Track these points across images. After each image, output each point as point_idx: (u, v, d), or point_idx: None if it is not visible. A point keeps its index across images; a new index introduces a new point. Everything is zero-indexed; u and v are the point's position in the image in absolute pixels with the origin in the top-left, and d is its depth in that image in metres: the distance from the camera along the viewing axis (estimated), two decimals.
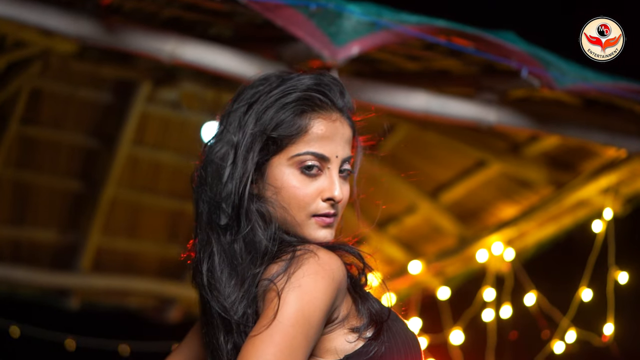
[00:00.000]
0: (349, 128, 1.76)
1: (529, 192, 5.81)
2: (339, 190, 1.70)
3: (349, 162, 1.76)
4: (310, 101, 1.71)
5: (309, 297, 1.54)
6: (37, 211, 6.67)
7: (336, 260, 1.63)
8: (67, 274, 6.89)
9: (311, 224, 1.71)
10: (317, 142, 1.70)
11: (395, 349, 1.66)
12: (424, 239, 6.82)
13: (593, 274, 5.21)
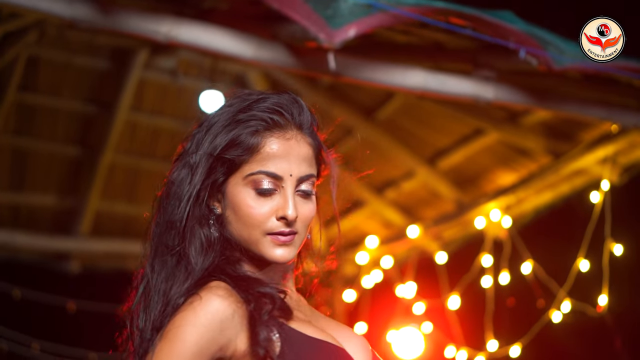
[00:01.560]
0: (308, 146, 1.74)
1: (527, 160, 5.82)
2: (292, 209, 1.68)
3: (309, 180, 1.73)
4: (263, 121, 1.71)
5: (169, 348, 1.57)
6: (36, 177, 6.70)
7: (218, 303, 1.61)
8: (67, 238, 6.95)
9: (266, 242, 1.70)
10: (269, 161, 1.70)
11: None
12: (422, 204, 6.85)
13: (589, 245, 5.23)
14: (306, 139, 1.74)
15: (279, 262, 1.71)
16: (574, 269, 5.30)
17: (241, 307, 1.62)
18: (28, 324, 7.19)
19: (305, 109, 1.77)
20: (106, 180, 6.74)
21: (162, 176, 6.13)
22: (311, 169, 1.74)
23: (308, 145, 1.74)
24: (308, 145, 1.74)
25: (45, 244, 6.88)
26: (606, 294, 5.01)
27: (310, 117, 1.77)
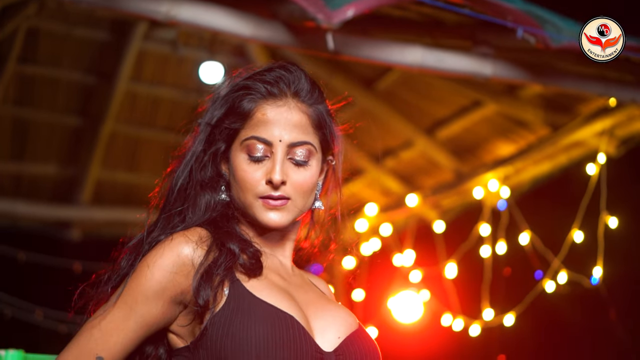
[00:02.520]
0: (302, 114, 1.78)
1: (525, 131, 5.84)
2: (278, 174, 1.73)
3: (302, 147, 1.77)
4: (257, 90, 1.78)
5: (135, 284, 1.67)
6: (37, 146, 6.74)
7: (184, 246, 1.69)
8: (68, 207, 7.01)
9: (259, 205, 1.76)
10: (260, 127, 1.76)
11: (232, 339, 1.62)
12: (421, 173, 6.89)
13: (585, 217, 5.27)
14: (302, 107, 1.79)
15: (270, 225, 1.76)
16: (568, 240, 5.36)
17: (208, 254, 1.68)
18: (31, 291, 7.27)
19: (304, 78, 1.81)
20: (107, 150, 6.78)
21: (162, 145, 6.21)
22: (305, 137, 1.77)
23: (302, 113, 1.78)
24: (302, 113, 1.78)
25: (47, 212, 6.95)
26: (601, 266, 5.06)
27: (310, 86, 1.81)
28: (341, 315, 1.80)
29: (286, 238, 1.85)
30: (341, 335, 1.75)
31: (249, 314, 1.63)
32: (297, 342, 1.65)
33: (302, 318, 1.70)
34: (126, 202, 7.33)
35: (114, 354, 1.67)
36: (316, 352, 1.67)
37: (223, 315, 1.64)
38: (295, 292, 1.78)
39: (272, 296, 1.68)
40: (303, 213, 1.81)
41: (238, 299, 1.65)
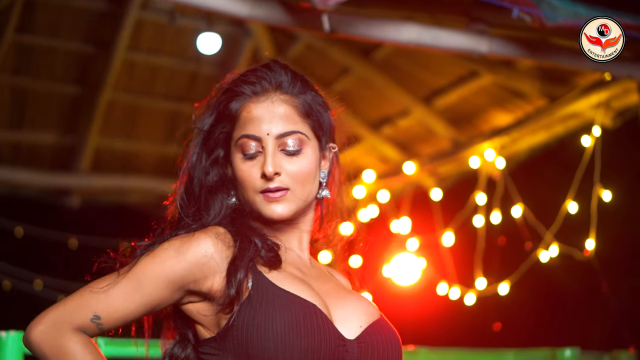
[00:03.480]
0: (286, 105, 1.82)
1: (522, 102, 5.87)
2: (269, 165, 1.76)
3: (291, 137, 1.80)
4: (239, 90, 1.83)
5: (150, 263, 1.71)
6: (36, 115, 6.77)
7: (205, 241, 1.73)
8: (67, 174, 7.05)
9: (260, 200, 1.80)
10: (248, 125, 1.80)
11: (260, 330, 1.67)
12: (418, 140, 6.93)
13: (579, 189, 5.32)
14: (286, 98, 1.82)
15: (274, 218, 1.80)
16: (562, 212, 5.41)
17: (228, 250, 1.73)
18: (31, 261, 7.34)
19: (285, 72, 1.84)
20: (105, 118, 6.81)
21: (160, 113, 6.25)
22: (293, 126, 1.80)
23: (287, 104, 1.81)
24: (287, 104, 1.81)
25: (46, 180, 6.99)
26: (593, 238, 5.12)
27: (291, 78, 1.84)
28: (362, 305, 1.83)
29: (300, 231, 1.88)
30: (363, 324, 1.78)
31: (273, 304, 1.67)
32: (321, 329, 1.68)
33: (323, 307, 1.73)
34: (125, 169, 7.39)
35: (111, 319, 1.71)
36: (339, 339, 1.71)
37: (248, 306, 1.68)
38: (314, 283, 1.82)
39: (293, 286, 1.72)
40: (308, 202, 1.84)
41: (261, 290, 1.70)
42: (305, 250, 1.90)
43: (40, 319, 1.69)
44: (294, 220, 1.85)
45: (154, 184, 7.37)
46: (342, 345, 1.71)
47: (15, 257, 7.15)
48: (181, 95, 6.98)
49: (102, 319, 1.70)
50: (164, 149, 7.35)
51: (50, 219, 7.33)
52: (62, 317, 1.70)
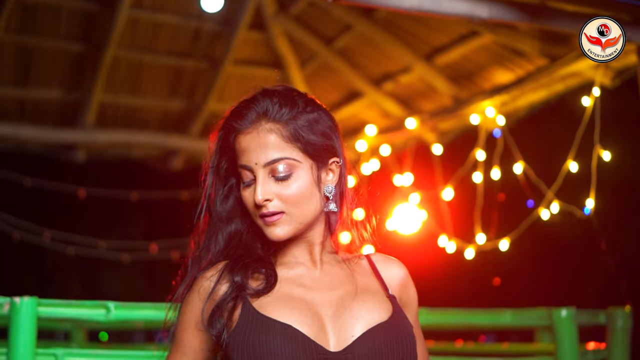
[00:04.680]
0: (272, 133, 1.92)
1: (522, 60, 5.90)
2: (258, 194, 1.90)
3: (279, 163, 1.91)
4: (231, 126, 1.97)
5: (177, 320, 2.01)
6: (41, 72, 6.81)
7: (200, 281, 1.97)
8: (72, 130, 7.12)
9: (262, 224, 1.95)
10: (242, 156, 1.94)
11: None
12: (420, 97, 6.98)
13: (579, 148, 5.37)
14: (273, 126, 1.92)
15: (274, 239, 1.94)
16: (563, 171, 5.48)
17: (213, 290, 1.94)
18: (38, 214, 7.44)
19: (270, 100, 1.94)
20: (109, 74, 6.86)
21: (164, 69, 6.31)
22: (280, 153, 1.91)
23: (273, 133, 1.91)
24: (273, 133, 1.91)
25: (51, 136, 7.06)
26: (593, 197, 5.19)
27: (278, 105, 1.94)
28: (362, 311, 1.92)
29: (310, 244, 2.00)
30: (356, 333, 1.88)
31: (253, 331, 1.84)
32: (295, 348, 1.82)
33: (308, 323, 1.86)
34: (129, 124, 7.47)
35: None
36: (319, 354, 1.83)
37: (234, 335, 1.86)
38: (317, 295, 1.94)
39: (275, 310, 1.87)
40: (308, 220, 1.95)
41: (245, 319, 1.87)
42: (318, 261, 2.00)
43: None
44: (301, 236, 1.98)
45: (157, 138, 7.46)
46: (323, 359, 1.83)
47: (23, 210, 7.27)
48: (184, 51, 7.02)
49: None
50: (168, 104, 7.42)
51: (56, 173, 7.43)
52: None
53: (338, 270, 2.02)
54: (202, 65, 7.10)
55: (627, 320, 4.63)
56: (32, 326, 3.31)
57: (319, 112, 1.98)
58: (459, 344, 5.97)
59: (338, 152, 2.00)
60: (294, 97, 1.97)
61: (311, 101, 2.00)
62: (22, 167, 7.40)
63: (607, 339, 4.65)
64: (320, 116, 1.98)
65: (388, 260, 2.11)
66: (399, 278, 2.08)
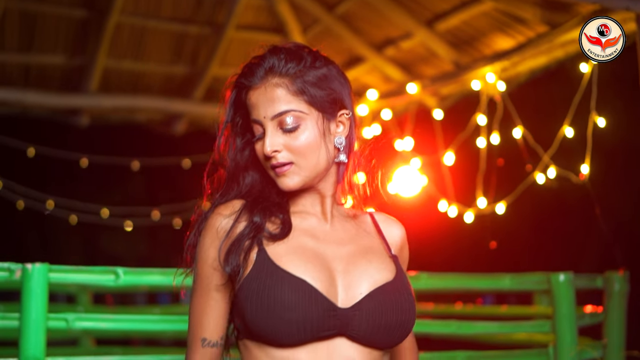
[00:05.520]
0: (279, 87, 2.00)
1: (523, 27, 5.94)
2: (266, 146, 1.98)
3: (286, 115, 1.99)
4: (242, 83, 2.05)
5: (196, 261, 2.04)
6: (45, 38, 6.84)
7: (213, 219, 2.02)
8: (76, 95, 7.17)
9: (274, 175, 2.03)
10: (253, 111, 2.02)
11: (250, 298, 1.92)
12: (421, 62, 7.02)
13: (576, 114, 5.43)
14: (279, 81, 2.00)
15: (285, 189, 2.02)
16: (559, 136, 5.54)
17: (232, 228, 2.00)
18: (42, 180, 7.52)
19: (276, 56, 2.02)
20: (113, 40, 6.90)
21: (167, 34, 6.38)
22: (286, 106, 1.99)
23: (279, 87, 2.00)
24: (279, 87, 2.00)
25: (56, 101, 7.11)
26: (588, 163, 5.27)
27: (284, 60, 2.01)
28: (370, 270, 2.00)
29: (322, 196, 2.08)
30: (363, 290, 1.96)
31: (266, 281, 1.90)
32: (307, 303, 1.88)
33: (320, 278, 1.93)
34: (132, 89, 7.53)
35: (212, 329, 2.01)
36: (328, 310, 1.90)
37: (248, 280, 1.92)
38: (328, 248, 2.01)
39: (290, 262, 1.93)
40: (318, 170, 2.01)
41: (260, 267, 1.93)
42: (329, 215, 2.07)
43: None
44: (312, 187, 2.05)
45: (161, 103, 7.52)
46: (332, 315, 1.90)
47: (27, 177, 7.34)
48: (187, 17, 7.06)
49: (208, 338, 2.01)
50: (171, 69, 7.48)
51: (61, 138, 7.51)
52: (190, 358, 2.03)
53: (347, 226, 2.10)
54: (205, 31, 7.14)
55: (623, 284, 4.75)
56: (44, 292, 3.41)
57: (328, 67, 2.05)
58: (458, 306, 6.09)
59: (348, 105, 2.07)
60: (302, 53, 2.04)
61: (321, 57, 2.07)
62: (26, 132, 7.47)
63: (604, 302, 4.77)
64: (330, 70, 2.05)
65: (389, 219, 2.19)
66: (399, 238, 2.16)
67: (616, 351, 4.64)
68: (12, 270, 3.44)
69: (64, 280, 3.55)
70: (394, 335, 1.96)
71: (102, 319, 3.66)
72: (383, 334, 1.94)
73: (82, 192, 8.17)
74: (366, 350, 1.95)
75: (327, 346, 1.92)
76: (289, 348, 1.90)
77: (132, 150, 7.66)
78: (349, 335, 1.92)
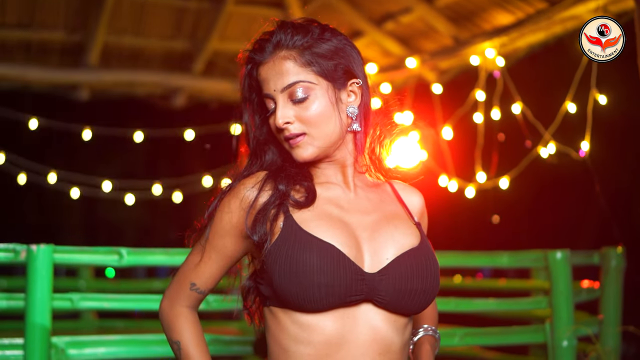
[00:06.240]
0: (287, 60, 2.04)
1: (522, 3, 5.94)
2: (278, 118, 2.03)
3: (296, 86, 2.03)
4: (252, 59, 2.10)
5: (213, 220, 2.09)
6: (45, 14, 6.83)
7: (240, 189, 2.06)
8: (77, 70, 7.19)
9: (288, 147, 2.08)
10: (264, 85, 2.07)
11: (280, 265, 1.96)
12: (420, 36, 7.03)
13: (577, 91, 5.45)
14: (287, 54, 2.05)
15: (300, 160, 2.06)
16: (560, 112, 5.57)
17: (256, 197, 2.04)
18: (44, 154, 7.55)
19: (283, 30, 2.07)
20: (112, 15, 6.89)
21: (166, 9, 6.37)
22: (295, 77, 2.03)
23: (287, 60, 2.04)
24: (287, 60, 2.04)
25: (57, 76, 7.14)
26: (588, 140, 5.30)
27: (291, 34, 2.06)
28: (396, 236, 2.05)
29: (341, 165, 2.11)
30: (390, 256, 2.00)
31: (294, 246, 1.95)
32: (334, 268, 1.92)
33: (347, 244, 1.97)
34: (132, 64, 7.55)
35: (204, 280, 2.11)
36: (356, 274, 1.94)
37: (276, 246, 1.97)
38: (353, 217, 2.05)
39: (317, 227, 1.98)
40: (332, 139, 2.05)
41: (288, 233, 1.97)
42: (351, 184, 2.11)
43: (163, 298, 2.17)
44: (329, 157, 2.09)
45: (161, 77, 7.54)
46: (360, 279, 1.94)
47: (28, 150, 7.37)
48: None
49: (197, 284, 2.11)
50: (171, 43, 7.48)
51: (61, 112, 7.53)
52: (172, 294, 2.15)
53: (371, 195, 2.13)
54: (205, 6, 7.14)
55: (620, 260, 4.79)
56: (49, 272, 3.46)
57: (337, 38, 2.09)
58: (457, 279, 6.15)
59: (358, 74, 2.10)
60: (310, 26, 2.09)
61: (329, 29, 2.10)
62: (27, 106, 7.49)
63: (600, 278, 4.82)
64: (339, 41, 2.08)
65: (408, 188, 2.23)
66: (419, 206, 2.21)
67: (612, 326, 4.70)
68: (17, 251, 3.49)
69: (68, 260, 3.60)
70: (418, 301, 2.01)
71: (105, 299, 3.72)
72: (408, 299, 1.98)
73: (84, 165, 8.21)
74: (392, 317, 2.00)
75: (354, 312, 1.96)
76: (315, 313, 1.95)
77: (133, 124, 7.68)
78: (375, 300, 1.97)
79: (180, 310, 2.13)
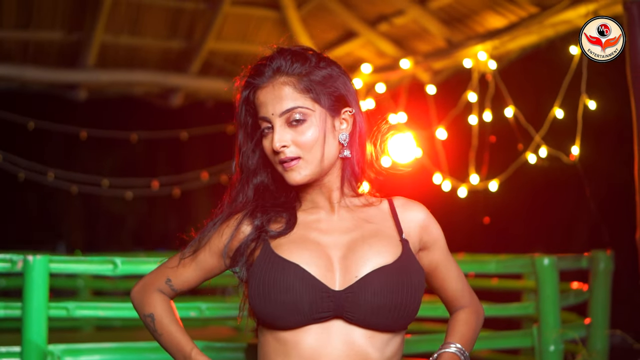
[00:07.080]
0: (286, 85, 2.12)
1: (514, 7, 5.99)
2: (275, 142, 2.10)
3: (294, 111, 2.11)
4: (250, 83, 2.17)
5: (202, 237, 2.25)
6: (42, 15, 6.88)
7: (230, 214, 2.23)
8: (74, 70, 7.24)
9: (282, 170, 2.15)
10: (261, 109, 2.14)
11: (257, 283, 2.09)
12: (414, 37, 7.07)
13: (567, 95, 5.49)
14: (286, 79, 2.13)
15: (293, 184, 2.15)
16: (550, 116, 5.61)
17: (237, 226, 2.19)
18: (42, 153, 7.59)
19: (283, 57, 2.15)
20: (110, 15, 6.94)
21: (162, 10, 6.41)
22: (293, 103, 2.11)
23: (286, 85, 2.12)
24: (286, 85, 2.12)
25: (54, 76, 7.20)
26: (578, 145, 5.34)
27: (290, 61, 2.14)
28: (369, 254, 2.10)
29: (328, 189, 2.20)
30: (359, 274, 2.07)
31: (265, 268, 2.08)
32: (298, 285, 2.03)
33: (316, 263, 2.07)
34: (129, 64, 7.60)
35: (179, 281, 2.28)
36: (321, 292, 2.04)
37: (251, 271, 2.11)
38: (330, 237, 2.15)
39: (288, 250, 2.10)
40: (324, 164, 2.14)
41: (264, 258, 2.10)
42: (336, 207, 2.20)
43: (137, 283, 2.31)
44: (319, 181, 2.18)
45: (157, 77, 7.60)
46: (325, 297, 2.04)
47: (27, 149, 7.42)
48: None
49: (173, 281, 2.28)
50: (167, 43, 7.54)
51: (59, 112, 7.58)
52: (147, 280, 2.31)
53: (355, 215, 2.20)
54: (201, 6, 7.18)
55: (608, 263, 4.85)
56: (45, 282, 3.51)
57: (332, 67, 2.17)
58: None
59: (351, 103, 2.18)
60: (307, 54, 2.17)
61: (324, 58, 2.19)
62: (25, 107, 7.53)
63: (589, 281, 4.88)
64: (333, 70, 2.17)
65: (408, 203, 2.26)
66: (418, 221, 2.23)
67: (600, 329, 4.77)
68: (14, 261, 3.55)
69: (64, 270, 3.66)
70: (392, 317, 2.06)
71: (101, 307, 3.78)
72: (380, 315, 2.04)
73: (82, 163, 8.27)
74: (368, 333, 2.06)
75: (328, 328, 2.05)
76: (292, 330, 2.05)
77: (130, 124, 7.74)
78: (346, 317, 2.05)
79: (153, 292, 2.30)
